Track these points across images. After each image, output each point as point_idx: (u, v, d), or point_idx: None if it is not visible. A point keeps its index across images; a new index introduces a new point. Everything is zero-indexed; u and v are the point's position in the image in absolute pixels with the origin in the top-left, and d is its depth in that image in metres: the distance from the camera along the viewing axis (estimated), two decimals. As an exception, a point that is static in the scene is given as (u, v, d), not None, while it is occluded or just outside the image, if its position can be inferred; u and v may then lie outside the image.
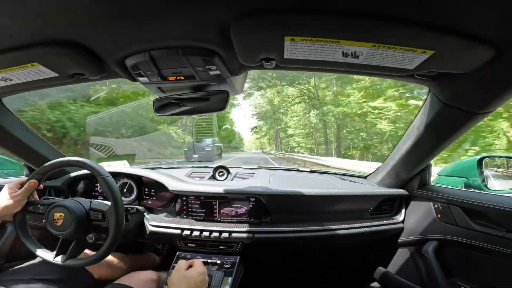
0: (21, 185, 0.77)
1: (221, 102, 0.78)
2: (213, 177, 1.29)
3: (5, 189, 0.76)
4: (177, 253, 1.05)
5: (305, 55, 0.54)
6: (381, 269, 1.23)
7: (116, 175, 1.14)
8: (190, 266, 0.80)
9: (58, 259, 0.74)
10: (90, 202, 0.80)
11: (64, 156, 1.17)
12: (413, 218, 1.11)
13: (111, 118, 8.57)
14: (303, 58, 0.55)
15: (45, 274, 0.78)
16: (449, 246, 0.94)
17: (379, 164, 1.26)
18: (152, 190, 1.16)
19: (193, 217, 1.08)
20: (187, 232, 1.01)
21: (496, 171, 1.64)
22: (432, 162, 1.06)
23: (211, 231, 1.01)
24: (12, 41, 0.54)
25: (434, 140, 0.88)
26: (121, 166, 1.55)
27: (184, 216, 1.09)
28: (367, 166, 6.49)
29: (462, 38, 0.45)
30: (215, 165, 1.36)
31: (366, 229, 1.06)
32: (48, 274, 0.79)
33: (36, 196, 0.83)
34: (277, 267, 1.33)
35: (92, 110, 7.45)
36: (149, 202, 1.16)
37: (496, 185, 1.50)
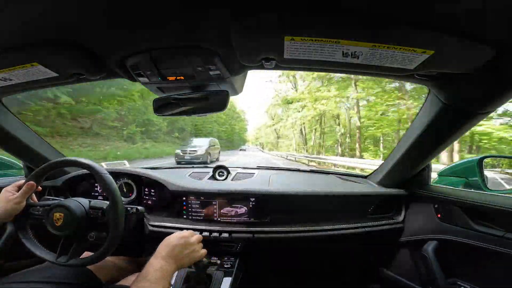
0: (19, 187, 0.77)
1: (221, 102, 0.78)
2: (213, 177, 1.29)
3: (3, 193, 0.75)
4: None
5: (305, 55, 0.54)
6: (381, 269, 1.23)
7: (116, 175, 1.14)
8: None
9: (61, 260, 0.74)
10: (89, 201, 0.80)
11: (64, 156, 1.17)
12: (413, 218, 1.11)
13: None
14: (303, 58, 0.55)
15: (54, 277, 0.78)
16: (449, 246, 0.94)
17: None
18: (152, 190, 1.16)
19: (193, 217, 1.08)
20: None
21: (496, 171, 1.64)
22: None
23: (211, 231, 1.01)
24: (12, 41, 0.54)
25: (434, 140, 0.88)
26: (121, 166, 1.55)
27: (184, 216, 1.09)
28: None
29: (462, 38, 0.45)
30: (214, 165, 1.36)
31: (366, 229, 1.06)
32: (57, 278, 0.78)
33: (34, 198, 0.83)
34: (277, 267, 1.33)
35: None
36: (149, 202, 1.16)
37: (496, 185, 1.50)
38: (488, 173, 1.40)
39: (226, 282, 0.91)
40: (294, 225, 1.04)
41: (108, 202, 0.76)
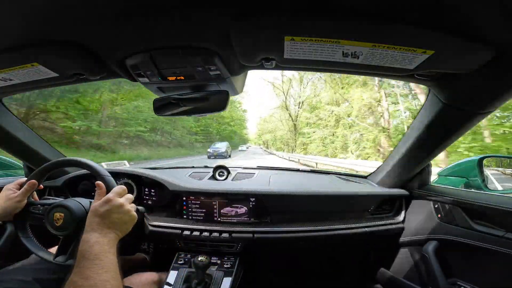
0: (20, 186, 0.77)
1: (221, 102, 0.78)
2: (213, 177, 1.29)
3: (4, 190, 0.75)
4: (177, 254, 1.05)
5: (305, 55, 0.54)
6: (382, 270, 1.23)
7: (116, 175, 1.14)
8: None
9: (59, 259, 0.74)
10: (90, 202, 0.80)
11: (64, 156, 1.17)
12: (413, 218, 1.11)
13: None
14: (303, 58, 0.55)
15: (37, 274, 0.78)
16: (449, 246, 0.94)
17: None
18: (152, 190, 1.16)
19: (193, 217, 1.08)
20: (187, 232, 1.01)
21: (496, 171, 1.64)
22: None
23: (211, 231, 1.01)
24: (12, 41, 0.54)
25: (434, 140, 0.88)
26: (121, 166, 1.54)
27: (184, 216, 1.09)
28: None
29: (462, 38, 0.45)
30: (214, 165, 1.36)
31: (366, 229, 1.06)
32: (41, 275, 0.78)
33: (35, 197, 0.83)
34: (277, 267, 1.33)
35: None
36: (149, 202, 1.16)
37: (496, 185, 1.51)
38: (488, 173, 1.40)
39: (226, 282, 0.91)
40: (294, 225, 1.04)
41: None
